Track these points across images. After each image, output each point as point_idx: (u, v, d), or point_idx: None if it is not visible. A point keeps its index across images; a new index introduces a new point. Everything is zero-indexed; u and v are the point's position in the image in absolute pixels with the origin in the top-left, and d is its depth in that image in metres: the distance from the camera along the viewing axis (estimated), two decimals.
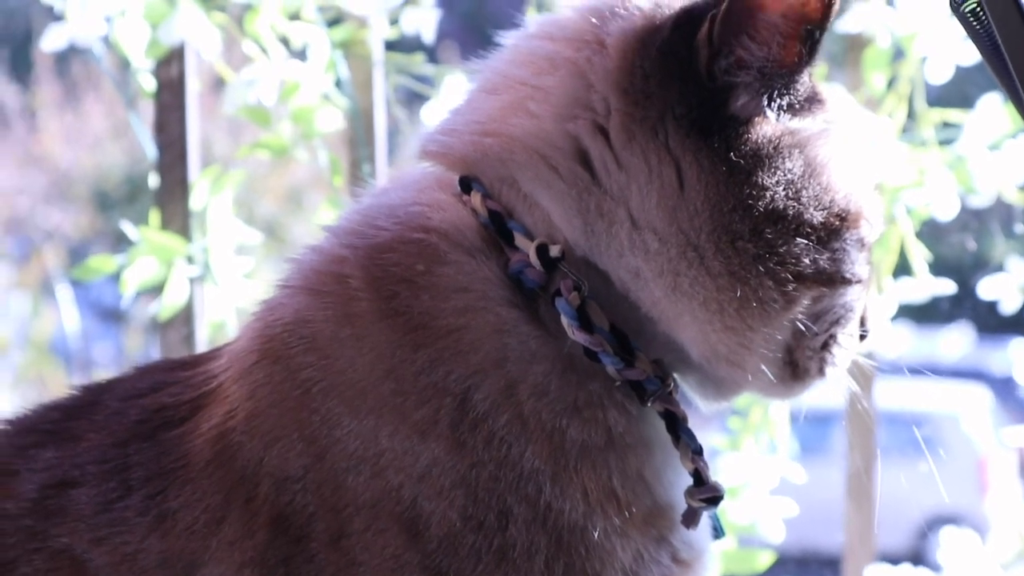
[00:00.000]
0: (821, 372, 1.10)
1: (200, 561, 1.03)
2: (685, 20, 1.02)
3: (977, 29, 1.15)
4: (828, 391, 1.17)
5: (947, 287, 1.78)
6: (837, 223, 1.04)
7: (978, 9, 1.13)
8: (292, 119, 1.99)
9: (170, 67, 2.02)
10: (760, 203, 1.02)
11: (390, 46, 1.88)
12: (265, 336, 1.08)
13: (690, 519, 1.04)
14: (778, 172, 1.03)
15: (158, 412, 1.10)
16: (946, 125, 1.92)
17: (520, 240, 1.03)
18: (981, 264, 2.01)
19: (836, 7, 1.02)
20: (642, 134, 1.03)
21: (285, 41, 1.96)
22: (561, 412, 1.02)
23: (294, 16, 1.96)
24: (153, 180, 2.07)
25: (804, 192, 1.04)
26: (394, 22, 2.02)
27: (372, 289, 1.04)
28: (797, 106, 1.04)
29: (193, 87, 2.06)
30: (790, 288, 1.03)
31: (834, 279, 1.05)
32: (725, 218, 1.03)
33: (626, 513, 1.03)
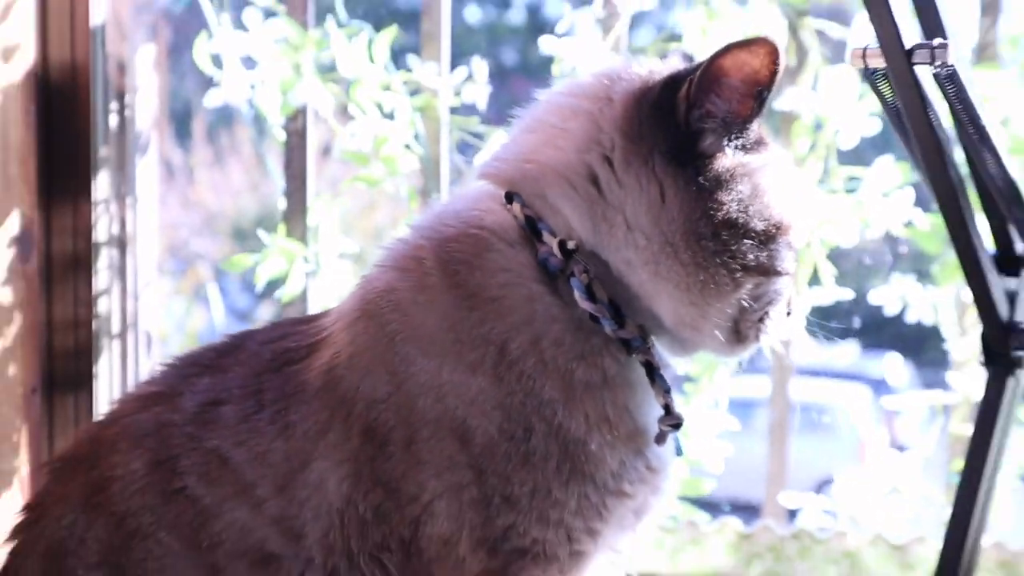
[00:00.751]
0: (757, 339, 1.13)
1: (311, 458, 1.08)
2: (670, 82, 1.06)
3: (884, 95, 1.22)
4: (760, 352, 1.20)
5: (846, 294, 1.78)
6: (773, 231, 1.07)
7: (885, 79, 1.20)
8: (382, 161, 1.96)
9: (296, 121, 2.00)
10: (719, 213, 1.05)
11: (454, 111, 1.87)
12: (364, 300, 1.12)
13: (660, 438, 1.10)
14: (732, 192, 1.06)
15: (284, 353, 1.14)
16: (851, 178, 1.90)
17: (547, 237, 1.07)
18: (873, 280, 2.04)
19: (779, 75, 1.04)
20: (636, 163, 1.06)
21: (379, 105, 1.95)
22: (571, 358, 1.07)
23: (386, 87, 1.95)
24: (281, 203, 2.07)
25: (750, 207, 1.06)
26: (457, 94, 2.00)
27: (440, 269, 1.08)
28: (748, 146, 1.07)
29: (312, 137, 2.04)
30: (738, 275, 1.06)
31: (769, 271, 1.08)
32: (693, 224, 1.06)
33: (615, 432, 1.07)
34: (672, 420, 1.10)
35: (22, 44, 1.80)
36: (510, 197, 1.11)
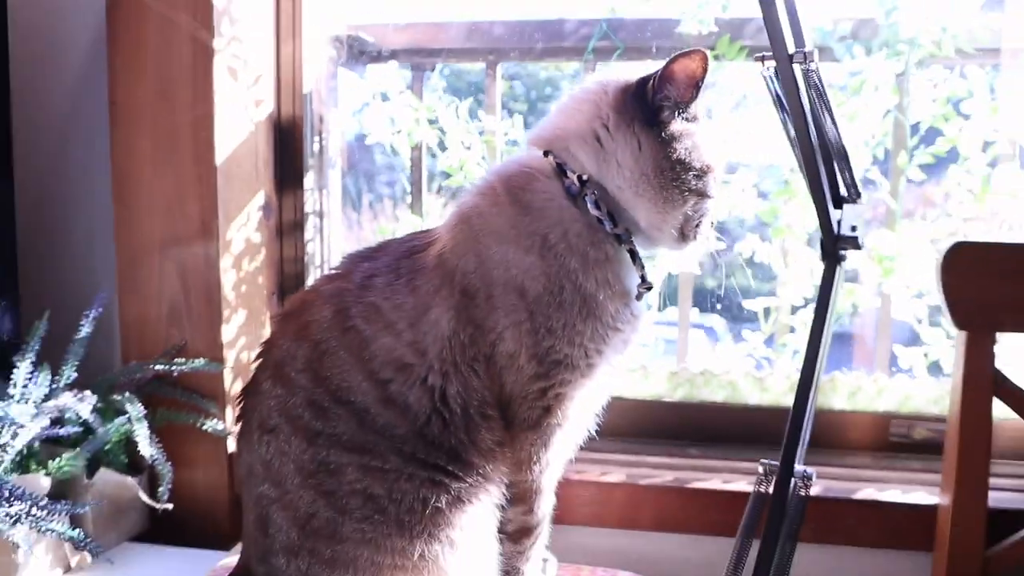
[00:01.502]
0: (695, 239, 1.29)
1: (430, 307, 1.24)
2: (643, 80, 1.24)
3: (772, 89, 1.28)
4: (697, 251, 1.36)
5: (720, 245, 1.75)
6: (705, 169, 1.25)
7: (772, 75, 1.26)
8: (464, 174, 2.31)
9: (415, 152, 2.42)
10: (673, 156, 1.23)
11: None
12: (459, 212, 1.29)
13: (639, 296, 1.29)
14: (681, 144, 1.23)
15: (412, 247, 1.30)
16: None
17: (570, 174, 1.24)
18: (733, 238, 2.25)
19: (707, 73, 1.22)
20: (623, 127, 1.24)
21: (462, 142, 2.32)
22: (588, 244, 1.23)
23: (466, 132, 2.30)
24: (408, 200, 2.45)
25: (692, 153, 1.24)
26: (506, 133, 2.30)
27: (506, 192, 1.25)
28: (689, 118, 1.24)
29: (424, 161, 2.43)
30: (686, 195, 1.25)
31: (703, 194, 1.26)
32: (658, 163, 1.23)
33: (612, 290, 1.25)
34: (646, 285, 1.27)
35: (265, 99, 2.22)
36: (546, 153, 1.27)
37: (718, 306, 2.29)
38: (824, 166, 1.29)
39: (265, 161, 2.25)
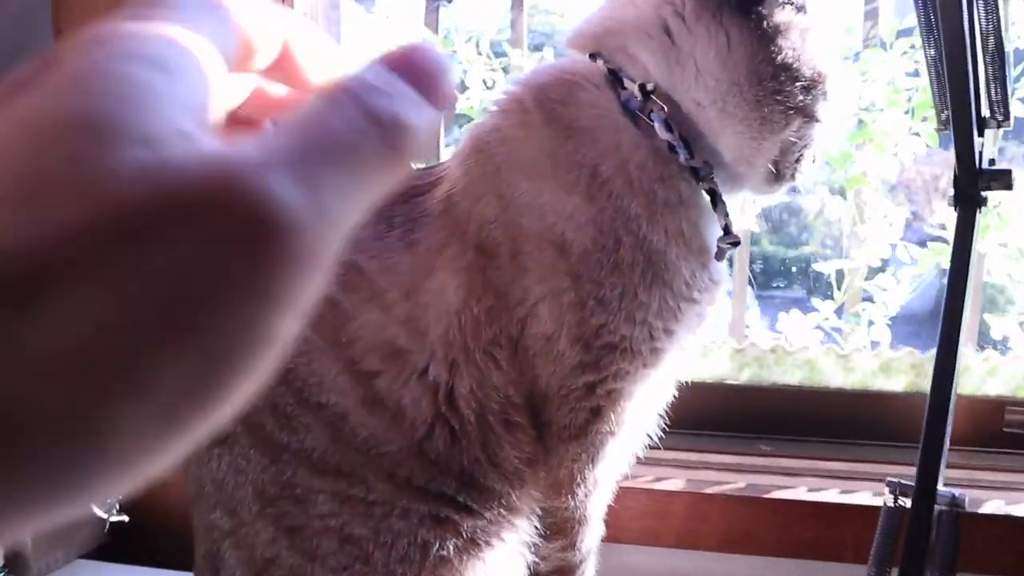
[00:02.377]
0: (792, 177, 1.15)
1: (433, 269, 1.07)
2: None
3: (919, 6, 1.15)
4: (794, 190, 1.23)
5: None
6: (817, 78, 1.08)
7: None
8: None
9: None
10: (778, 57, 1.06)
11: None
12: (474, 139, 1.12)
13: (720, 255, 1.10)
14: (788, 40, 1.06)
15: (410, 188, 1.12)
16: None
17: (628, 84, 1.07)
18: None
19: None
20: (706, 16, 1.06)
21: (484, 80, 2.16)
22: (654, 180, 1.06)
23: (488, 68, 2.14)
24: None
25: (800, 56, 1.07)
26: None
27: (539, 107, 1.08)
28: (797, 7, 1.08)
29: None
30: (790, 114, 1.08)
31: (810, 115, 1.09)
32: (756, 67, 1.06)
33: (689, 246, 1.08)
34: (731, 239, 1.09)
35: None
36: (594, 57, 1.10)
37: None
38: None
39: None
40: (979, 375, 1.94)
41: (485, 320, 1.04)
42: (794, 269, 2.28)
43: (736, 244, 1.07)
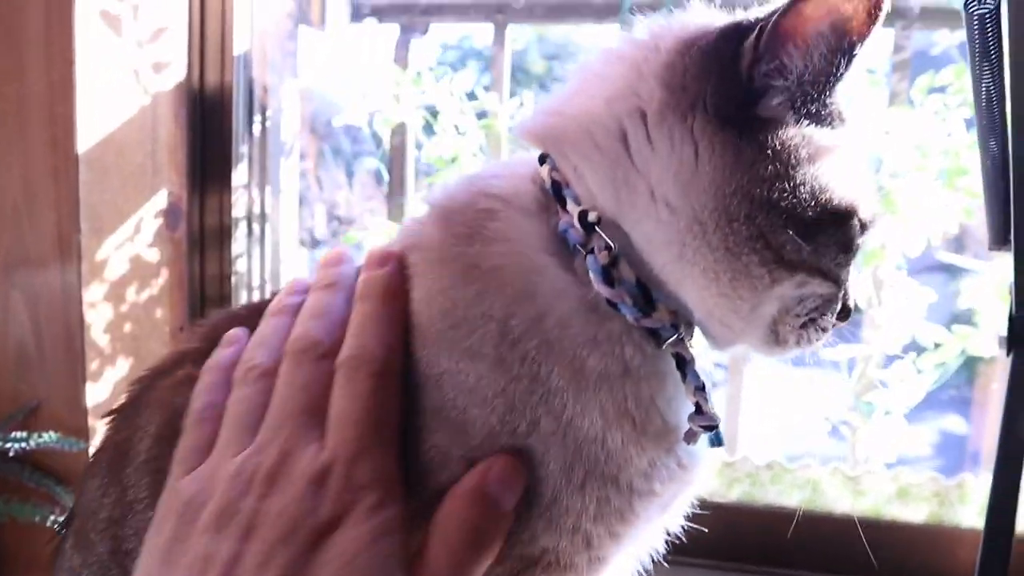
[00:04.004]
0: (798, 344, 0.87)
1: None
2: (732, 30, 0.81)
3: (975, 30, 0.97)
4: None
5: None
6: (827, 221, 0.81)
7: (988, 15, 0.95)
8: (457, 167, 2.09)
9: (397, 136, 2.22)
10: (757, 191, 0.79)
11: (511, 129, 1.97)
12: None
13: (690, 437, 0.84)
14: (779, 168, 0.80)
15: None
16: None
17: (570, 205, 0.82)
18: None
19: (878, 25, 0.78)
20: (673, 118, 0.81)
21: (456, 126, 2.08)
22: (582, 343, 0.81)
23: (461, 112, 2.07)
24: (391, 199, 2.28)
25: (799, 189, 0.80)
26: (512, 117, 2.12)
27: (440, 244, 0.86)
28: (820, 116, 0.81)
29: (412, 150, 2.22)
30: (774, 270, 0.81)
31: (812, 270, 0.82)
32: (726, 200, 0.80)
33: (640, 430, 0.83)
34: (704, 421, 0.85)
35: (173, 62, 1.96)
36: (543, 158, 0.87)
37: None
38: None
39: (169, 148, 1.95)
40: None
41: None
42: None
43: (712, 428, 0.82)
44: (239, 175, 2.05)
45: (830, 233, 0.80)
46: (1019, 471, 1.07)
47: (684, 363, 0.81)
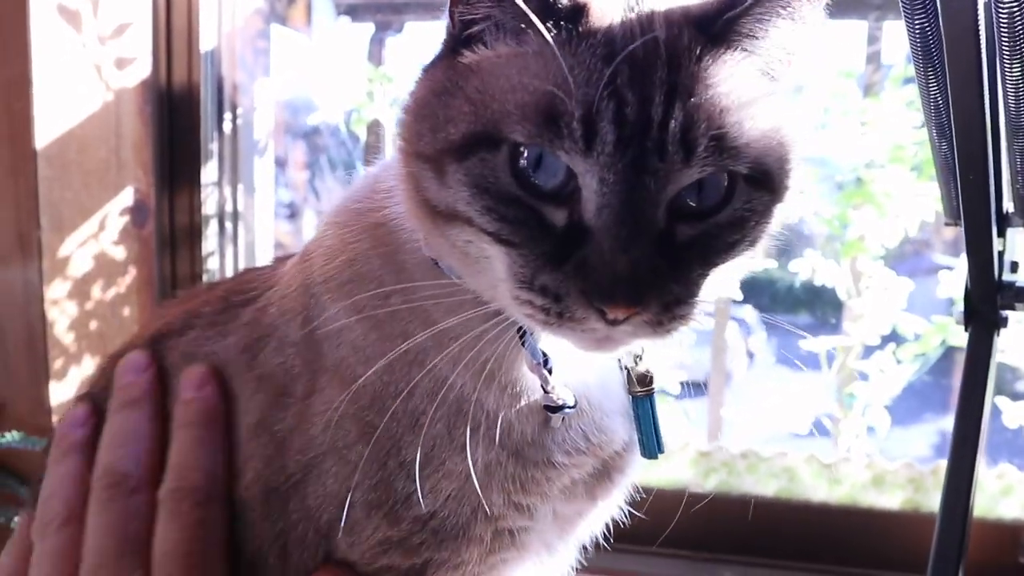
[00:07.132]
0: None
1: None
2: None
3: (918, 40, 0.94)
4: None
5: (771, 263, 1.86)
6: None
7: (928, 26, 0.91)
8: None
9: (372, 134, 2.14)
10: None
11: None
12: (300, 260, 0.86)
13: (551, 411, 0.79)
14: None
15: (241, 293, 0.90)
16: None
17: None
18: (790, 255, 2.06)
19: None
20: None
21: None
22: (443, 310, 0.77)
23: None
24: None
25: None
26: None
27: (353, 219, 0.85)
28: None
29: (389, 143, 2.12)
30: None
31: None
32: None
33: (513, 394, 0.79)
34: (551, 401, 0.79)
35: (137, 58, 1.93)
36: None
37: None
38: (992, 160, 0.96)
39: (134, 144, 1.92)
40: (991, 494, 1.74)
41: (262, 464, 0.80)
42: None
43: (553, 409, 0.77)
44: (209, 173, 2.03)
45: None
46: (975, 448, 1.06)
47: (522, 331, 0.76)
